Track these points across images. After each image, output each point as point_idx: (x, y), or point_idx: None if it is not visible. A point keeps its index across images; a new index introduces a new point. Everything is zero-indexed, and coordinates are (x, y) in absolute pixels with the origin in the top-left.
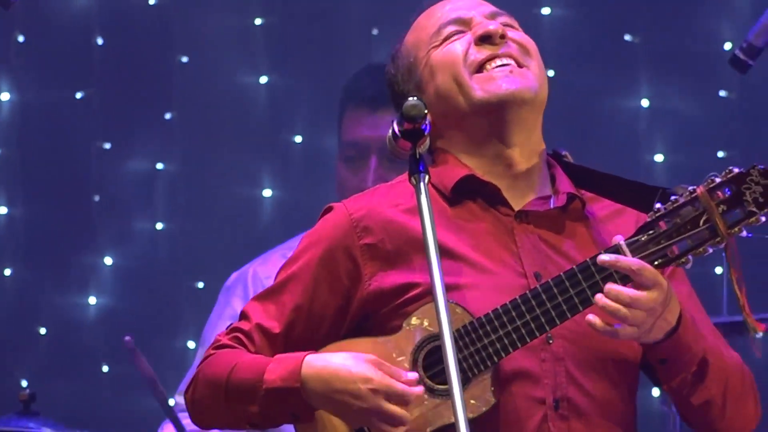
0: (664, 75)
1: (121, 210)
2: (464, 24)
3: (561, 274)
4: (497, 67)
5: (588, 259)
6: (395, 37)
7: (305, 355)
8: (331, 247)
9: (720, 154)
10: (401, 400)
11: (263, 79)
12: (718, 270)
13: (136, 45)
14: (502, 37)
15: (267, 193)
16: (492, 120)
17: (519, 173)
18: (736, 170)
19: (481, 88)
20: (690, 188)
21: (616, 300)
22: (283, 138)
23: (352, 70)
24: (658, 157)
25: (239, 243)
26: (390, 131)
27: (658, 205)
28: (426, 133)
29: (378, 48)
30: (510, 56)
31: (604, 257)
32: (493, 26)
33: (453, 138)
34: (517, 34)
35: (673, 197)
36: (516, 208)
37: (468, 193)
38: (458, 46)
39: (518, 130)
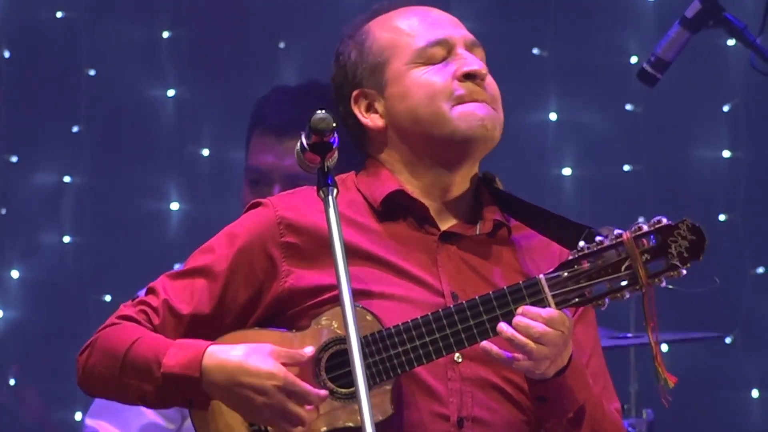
0: (572, 88)
1: (29, 223)
2: (448, 48)
3: (476, 298)
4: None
5: (505, 287)
6: (302, 51)
7: (207, 345)
8: (252, 241)
9: (626, 167)
10: (303, 399)
11: (170, 92)
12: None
13: (43, 57)
14: (482, 79)
15: (174, 206)
16: (455, 152)
17: (451, 198)
18: (665, 221)
19: (459, 119)
20: (616, 232)
21: (526, 333)
22: (190, 151)
23: (259, 82)
24: (566, 171)
25: (147, 256)
26: (298, 144)
27: (582, 244)
28: (334, 147)
29: (285, 61)
30: (486, 100)
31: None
32: (477, 66)
33: (398, 153)
34: (490, 79)
35: (598, 238)
36: (442, 229)
37: (396, 207)
38: (441, 77)
39: (470, 163)
